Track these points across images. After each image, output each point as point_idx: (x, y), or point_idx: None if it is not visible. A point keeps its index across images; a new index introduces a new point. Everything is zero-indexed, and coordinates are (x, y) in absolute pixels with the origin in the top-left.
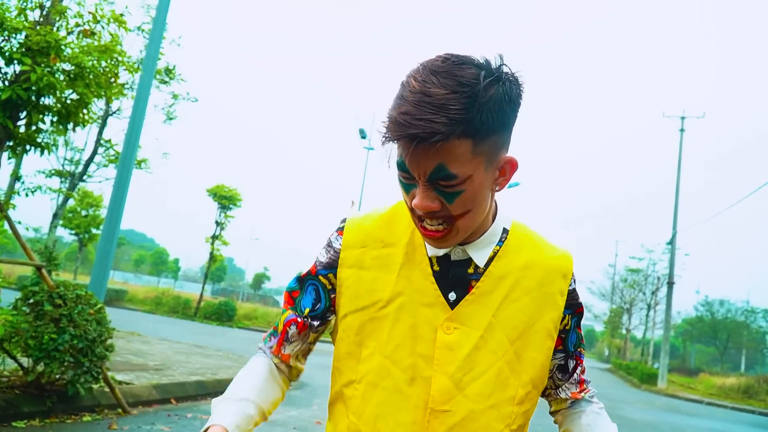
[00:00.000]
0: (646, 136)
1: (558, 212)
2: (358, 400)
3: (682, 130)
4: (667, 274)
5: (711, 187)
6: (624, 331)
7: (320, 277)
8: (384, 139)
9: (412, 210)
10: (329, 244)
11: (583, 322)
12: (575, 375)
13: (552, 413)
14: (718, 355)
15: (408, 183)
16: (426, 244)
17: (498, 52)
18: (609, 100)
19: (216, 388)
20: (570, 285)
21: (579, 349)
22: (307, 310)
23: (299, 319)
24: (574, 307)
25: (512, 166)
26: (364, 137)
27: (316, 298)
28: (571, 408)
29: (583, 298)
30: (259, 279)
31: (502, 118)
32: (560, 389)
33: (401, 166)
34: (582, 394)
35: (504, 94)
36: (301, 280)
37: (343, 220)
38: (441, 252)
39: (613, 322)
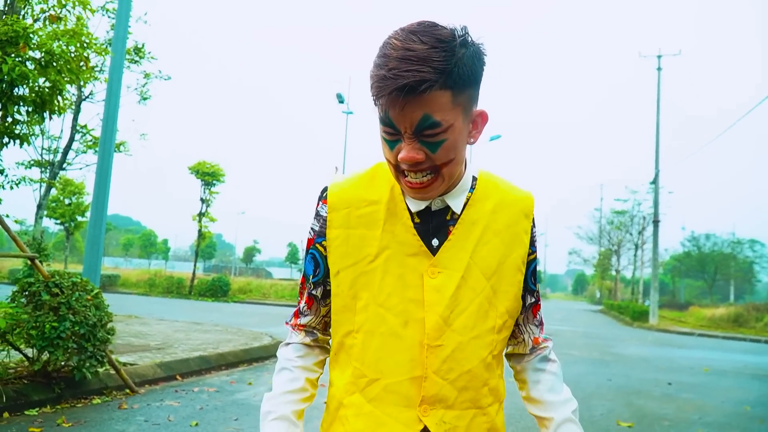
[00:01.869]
0: (625, 79)
1: (542, 161)
2: (359, 347)
3: (659, 68)
4: (652, 213)
5: (692, 125)
6: (614, 273)
7: (317, 245)
8: (375, 97)
9: (395, 166)
10: (317, 214)
11: (573, 266)
12: (538, 316)
13: (509, 356)
14: (707, 288)
15: (392, 139)
16: (406, 199)
17: (463, 24)
18: (585, 46)
19: (219, 362)
20: (532, 222)
21: (537, 286)
22: (310, 277)
23: (306, 294)
24: (535, 243)
25: (483, 118)
26: (342, 102)
27: (315, 264)
28: (531, 361)
29: (573, 243)
30: (250, 252)
31: (475, 74)
32: (524, 331)
33: (387, 122)
34: (543, 343)
35: (474, 53)
36: (305, 252)
37: (325, 188)
38: (423, 205)
39: (603, 264)
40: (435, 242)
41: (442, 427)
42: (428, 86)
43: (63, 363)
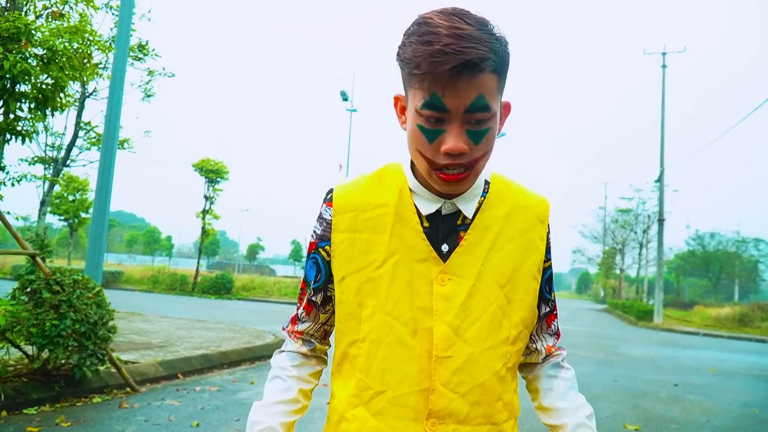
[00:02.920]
0: (629, 77)
1: (546, 160)
2: (364, 357)
3: (663, 66)
4: (657, 211)
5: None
6: (618, 271)
7: (320, 250)
8: (423, 74)
9: (431, 161)
10: (320, 216)
11: (577, 265)
12: (552, 326)
13: (520, 367)
14: (712, 286)
15: (435, 128)
16: (415, 202)
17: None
18: (589, 44)
19: (221, 360)
20: (548, 229)
21: (553, 295)
22: (311, 282)
23: (305, 300)
24: (550, 250)
25: (507, 109)
26: (345, 99)
27: (317, 269)
28: (543, 368)
29: (577, 242)
30: (254, 250)
31: (508, 61)
32: (536, 340)
33: (435, 104)
34: (556, 351)
35: (506, 41)
36: (307, 257)
37: (330, 190)
38: (433, 208)
39: (607, 263)
40: (445, 248)
41: None
42: (488, 64)
43: (63, 361)
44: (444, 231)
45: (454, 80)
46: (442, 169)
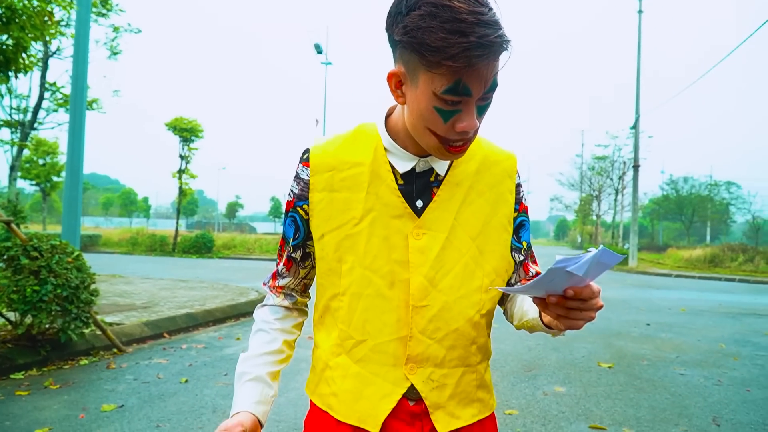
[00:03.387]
0: (605, 23)
1: (524, 109)
2: (345, 309)
3: (640, 11)
4: (632, 158)
5: (672, 69)
6: (594, 217)
7: (298, 209)
8: (456, 65)
9: (441, 137)
10: (297, 176)
11: (555, 212)
12: (530, 273)
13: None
14: (685, 229)
15: (452, 109)
16: (390, 160)
17: None
18: None
19: (206, 318)
20: (516, 182)
21: (524, 244)
22: (290, 240)
23: (285, 257)
24: (519, 201)
25: None
26: (320, 52)
27: (296, 228)
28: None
29: (554, 189)
30: (233, 208)
31: None
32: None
33: (458, 90)
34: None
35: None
36: (285, 215)
37: (306, 150)
38: (408, 166)
39: (584, 209)
40: (419, 204)
41: (429, 385)
42: (509, 49)
43: (48, 326)
44: (418, 188)
45: (482, 70)
46: (451, 143)
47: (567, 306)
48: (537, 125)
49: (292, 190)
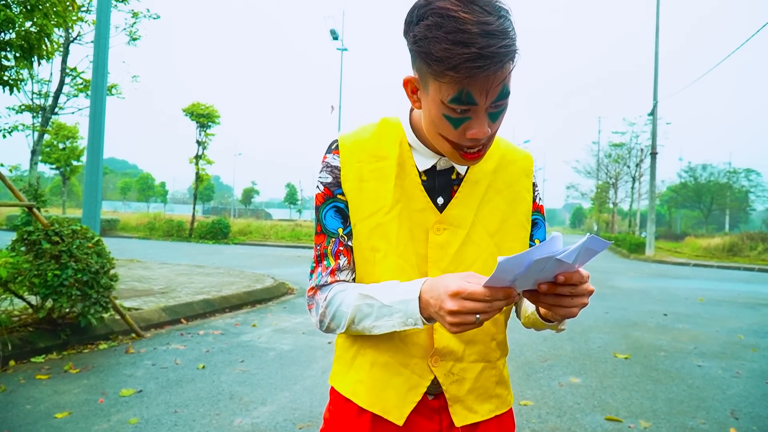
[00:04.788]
0: (624, 6)
1: (541, 93)
2: None
3: None
4: (650, 145)
5: (690, 54)
6: (611, 205)
7: (337, 196)
8: (459, 76)
9: (453, 143)
10: (328, 165)
11: (571, 200)
12: None
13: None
14: (703, 218)
15: (461, 116)
16: (414, 156)
17: None
18: None
19: (222, 305)
20: (533, 181)
21: (537, 242)
22: (340, 230)
23: (341, 247)
24: (534, 200)
25: None
26: (336, 38)
27: (342, 216)
28: None
29: (570, 177)
30: (249, 194)
31: None
32: None
33: (464, 99)
34: None
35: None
36: (320, 210)
37: (335, 141)
38: (429, 164)
39: (600, 197)
40: (440, 200)
41: (449, 378)
42: (515, 60)
43: (68, 310)
44: (440, 184)
45: (486, 81)
46: (465, 149)
47: (558, 293)
48: (553, 112)
49: (323, 181)
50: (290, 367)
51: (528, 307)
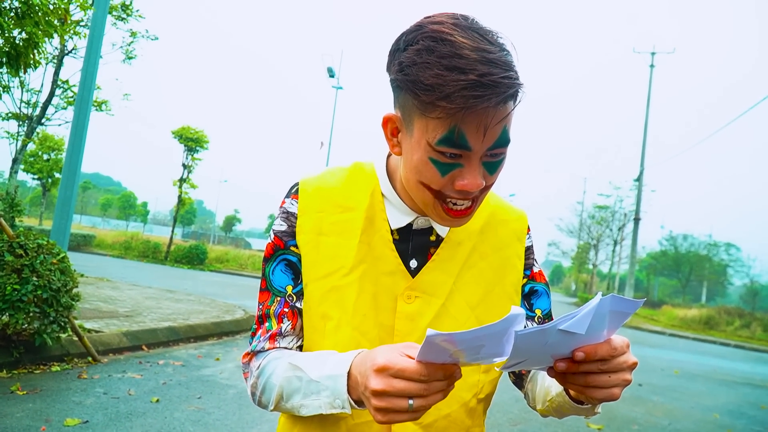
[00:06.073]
0: (616, 76)
1: (529, 152)
2: None
3: (651, 66)
4: (633, 210)
5: (679, 125)
6: (591, 266)
7: (291, 248)
8: (453, 107)
9: (437, 192)
10: (285, 211)
11: (551, 258)
12: None
13: (516, 383)
14: (681, 287)
15: (450, 162)
16: (388, 210)
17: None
18: (579, 41)
19: (188, 334)
20: (526, 244)
21: (538, 312)
22: (289, 288)
23: (286, 309)
24: (530, 267)
25: None
26: (332, 76)
27: (294, 271)
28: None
29: (552, 235)
30: (230, 221)
31: None
32: None
33: (456, 142)
34: None
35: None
36: (269, 262)
37: (295, 185)
38: (404, 222)
39: (581, 257)
40: (414, 263)
41: None
42: (521, 96)
43: (24, 326)
44: (414, 246)
45: (484, 117)
46: (448, 203)
47: (585, 371)
48: (539, 168)
49: (275, 229)
50: (249, 409)
51: (550, 388)
